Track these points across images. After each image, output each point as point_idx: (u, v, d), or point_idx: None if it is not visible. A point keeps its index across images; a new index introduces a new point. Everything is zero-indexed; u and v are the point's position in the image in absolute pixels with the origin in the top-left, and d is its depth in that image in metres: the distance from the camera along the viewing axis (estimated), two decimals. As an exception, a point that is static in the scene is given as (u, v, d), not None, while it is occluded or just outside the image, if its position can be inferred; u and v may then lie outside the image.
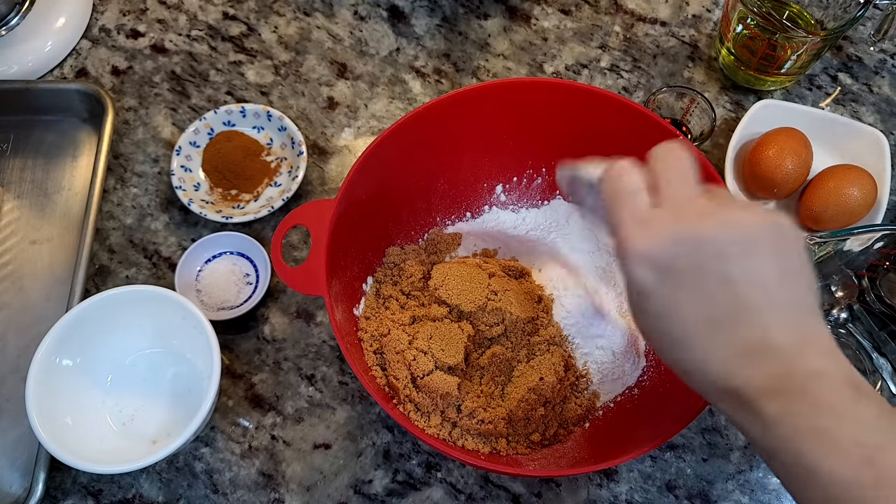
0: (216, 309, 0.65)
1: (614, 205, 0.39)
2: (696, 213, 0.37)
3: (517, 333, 0.60)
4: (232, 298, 0.66)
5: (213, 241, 0.66)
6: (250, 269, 0.67)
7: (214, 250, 0.67)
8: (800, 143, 0.67)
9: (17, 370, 0.64)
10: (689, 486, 0.61)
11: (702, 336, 0.36)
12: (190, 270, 0.66)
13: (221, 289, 0.66)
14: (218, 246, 0.67)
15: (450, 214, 0.68)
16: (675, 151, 0.39)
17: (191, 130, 0.70)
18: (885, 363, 0.60)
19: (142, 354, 0.62)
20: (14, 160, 0.73)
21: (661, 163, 0.39)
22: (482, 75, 0.77)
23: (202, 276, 0.66)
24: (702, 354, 0.36)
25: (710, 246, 0.35)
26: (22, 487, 0.60)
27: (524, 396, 0.56)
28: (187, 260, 0.66)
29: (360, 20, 0.79)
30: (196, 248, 0.66)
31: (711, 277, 0.35)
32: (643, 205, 0.38)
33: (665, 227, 0.36)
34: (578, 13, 0.80)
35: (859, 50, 0.78)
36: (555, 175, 0.66)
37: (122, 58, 0.77)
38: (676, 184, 0.38)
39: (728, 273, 0.35)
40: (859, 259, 0.57)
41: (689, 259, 0.36)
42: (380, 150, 0.57)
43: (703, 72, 0.77)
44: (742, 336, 0.35)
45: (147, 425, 0.60)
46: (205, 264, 0.67)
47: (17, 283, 0.68)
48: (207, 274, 0.67)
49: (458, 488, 0.61)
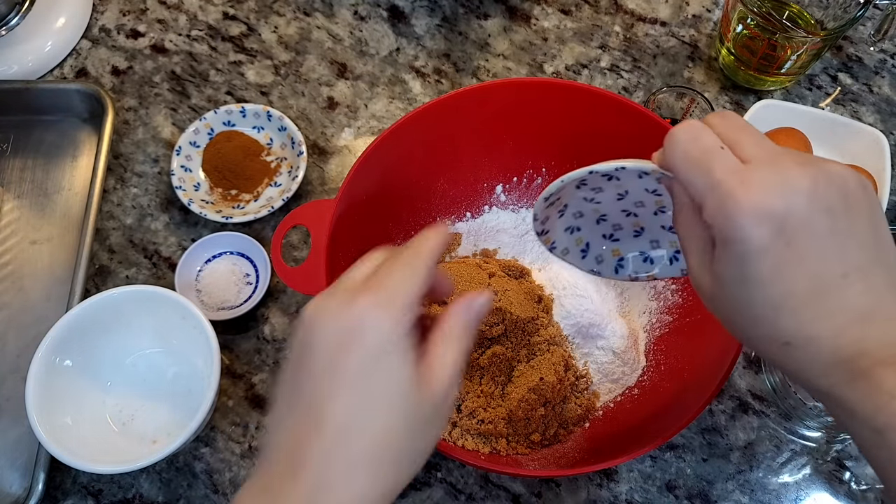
0: (216, 309, 0.65)
1: (700, 166, 0.35)
2: (794, 163, 0.33)
3: (517, 333, 0.60)
4: (232, 298, 0.66)
5: (212, 242, 0.66)
6: (250, 269, 0.67)
7: (214, 250, 0.67)
8: (800, 143, 0.67)
9: (17, 370, 0.64)
10: (689, 486, 0.61)
11: (812, 301, 0.33)
12: (190, 271, 0.66)
13: (221, 289, 0.66)
14: (218, 246, 0.67)
15: (450, 214, 0.68)
16: (731, 116, 0.37)
17: (191, 130, 0.70)
18: (886, 363, 0.59)
19: (142, 354, 0.62)
20: (14, 160, 0.73)
21: (723, 125, 0.36)
22: (482, 75, 0.77)
23: (202, 277, 0.66)
24: (810, 322, 0.33)
25: (819, 200, 0.32)
26: (22, 487, 0.60)
27: (524, 396, 0.56)
28: (187, 260, 0.66)
29: (360, 20, 0.79)
30: (196, 249, 0.66)
31: (822, 233, 0.33)
32: (734, 161, 0.34)
33: (771, 178, 0.33)
34: (578, 13, 0.80)
35: (859, 50, 0.78)
36: (555, 175, 0.67)
37: (122, 58, 0.77)
38: (753, 140, 0.35)
39: (836, 229, 0.33)
40: (859, 259, 0.57)
41: (801, 212, 0.32)
42: (380, 150, 0.57)
43: (703, 72, 0.77)
44: (854, 299, 0.33)
45: (147, 425, 0.60)
46: (205, 264, 0.67)
47: (17, 283, 0.68)
48: (207, 274, 0.67)
49: (458, 488, 0.61)
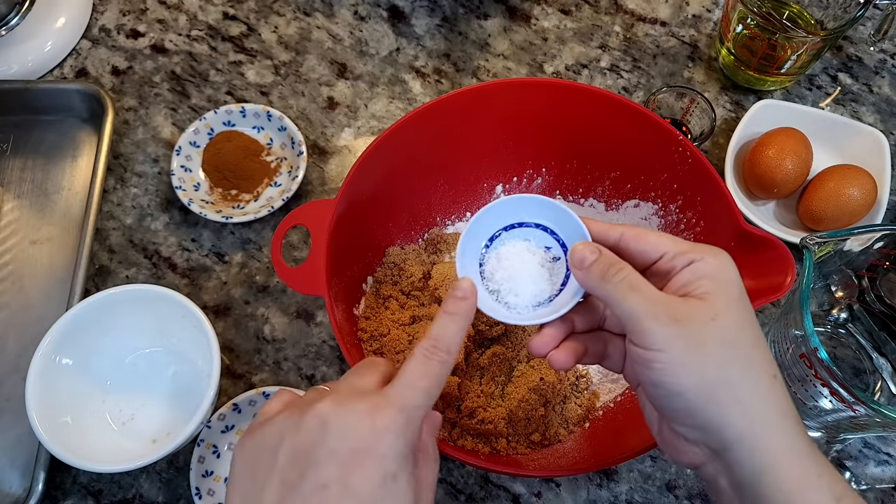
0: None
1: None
2: None
3: (517, 333, 0.60)
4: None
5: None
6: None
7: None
8: (800, 143, 0.67)
9: (16, 370, 0.64)
10: (689, 486, 0.61)
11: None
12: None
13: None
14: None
15: (450, 214, 0.68)
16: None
17: (191, 130, 0.70)
18: (885, 363, 0.60)
19: (141, 354, 0.62)
20: (14, 160, 0.73)
21: None
22: (482, 75, 0.77)
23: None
24: None
25: None
26: (22, 487, 0.60)
27: (524, 396, 0.56)
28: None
29: (360, 20, 0.79)
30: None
31: None
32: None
33: None
34: (578, 13, 0.80)
35: (859, 50, 0.78)
36: (554, 175, 0.67)
37: (122, 58, 0.77)
38: None
39: None
40: (859, 259, 0.57)
41: None
42: (380, 150, 0.57)
43: (703, 72, 0.77)
44: None
45: (147, 425, 0.60)
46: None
47: (17, 283, 0.68)
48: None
49: (458, 488, 0.61)
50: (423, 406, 0.34)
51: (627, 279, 0.36)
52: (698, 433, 0.36)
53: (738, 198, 0.69)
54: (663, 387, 0.35)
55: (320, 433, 0.32)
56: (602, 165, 0.64)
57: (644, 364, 0.36)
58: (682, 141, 0.57)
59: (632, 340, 0.36)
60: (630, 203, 0.65)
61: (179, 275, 0.68)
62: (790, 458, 0.35)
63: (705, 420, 0.35)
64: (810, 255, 0.50)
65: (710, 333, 0.35)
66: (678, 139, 0.57)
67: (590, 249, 0.38)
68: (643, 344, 0.35)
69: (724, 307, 0.36)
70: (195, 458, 0.59)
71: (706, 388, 0.35)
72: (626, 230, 0.39)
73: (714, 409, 0.35)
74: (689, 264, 0.37)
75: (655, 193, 0.62)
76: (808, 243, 0.51)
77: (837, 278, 0.60)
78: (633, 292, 0.36)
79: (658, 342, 0.35)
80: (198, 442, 0.59)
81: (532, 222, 0.43)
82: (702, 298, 0.36)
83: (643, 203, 0.64)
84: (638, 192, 0.64)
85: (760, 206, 0.71)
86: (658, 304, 0.36)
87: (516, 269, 0.42)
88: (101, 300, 0.58)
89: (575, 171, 0.66)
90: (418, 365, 0.35)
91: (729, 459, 0.36)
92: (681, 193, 0.60)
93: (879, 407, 0.46)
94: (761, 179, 0.67)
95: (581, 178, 0.66)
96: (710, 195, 0.57)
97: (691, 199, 0.59)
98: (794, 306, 0.50)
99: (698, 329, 0.35)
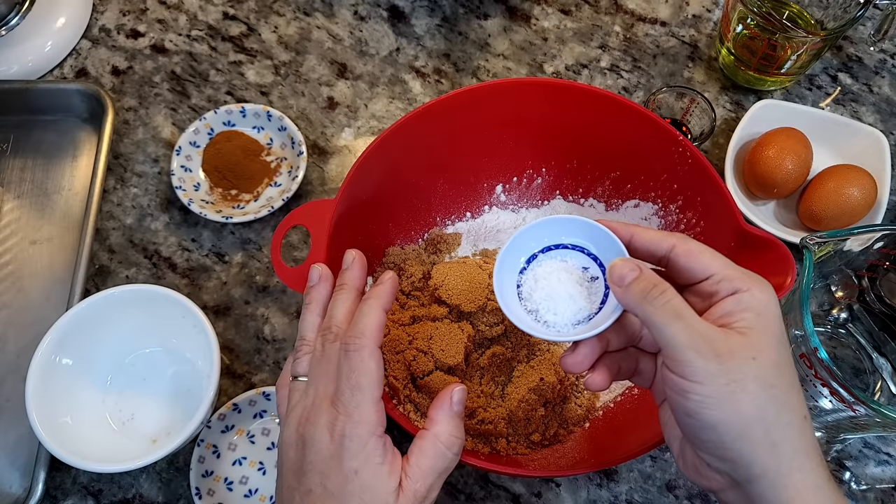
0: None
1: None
2: None
3: (517, 333, 0.60)
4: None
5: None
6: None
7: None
8: (800, 143, 0.67)
9: (16, 370, 0.64)
10: (689, 486, 0.61)
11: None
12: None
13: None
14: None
15: (450, 214, 0.68)
16: None
17: (191, 130, 0.70)
18: (885, 363, 0.60)
19: (141, 354, 0.62)
20: (14, 160, 0.73)
21: None
22: (482, 75, 0.77)
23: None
24: None
25: None
26: (22, 487, 0.60)
27: (524, 396, 0.56)
28: None
29: (360, 20, 0.79)
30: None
31: None
32: None
33: None
34: (578, 13, 0.80)
35: (859, 50, 0.78)
36: (554, 175, 0.67)
37: (122, 58, 0.77)
38: None
39: None
40: (859, 259, 0.57)
41: None
42: (379, 150, 0.57)
43: (703, 72, 0.77)
44: None
45: (147, 424, 0.60)
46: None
47: (17, 283, 0.68)
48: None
49: (458, 488, 0.61)
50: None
51: (670, 303, 0.36)
52: (725, 465, 0.36)
53: (738, 198, 0.69)
54: (697, 418, 0.35)
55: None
56: (602, 165, 0.64)
57: (680, 393, 0.36)
58: (682, 141, 0.57)
59: (669, 367, 0.36)
60: (630, 203, 0.65)
61: (179, 275, 0.68)
62: (813, 495, 0.35)
63: (735, 455, 0.35)
64: (810, 255, 0.50)
65: (751, 374, 0.35)
66: (678, 139, 0.57)
67: (629, 267, 0.38)
68: (682, 374, 0.35)
69: (766, 346, 0.36)
70: (195, 458, 0.59)
71: (740, 425, 0.35)
72: (679, 243, 0.39)
73: (745, 446, 0.35)
74: (734, 293, 0.37)
75: (655, 193, 0.62)
76: (808, 243, 0.51)
77: (837, 278, 0.60)
78: (677, 320, 0.36)
79: (697, 375, 0.35)
80: (198, 442, 0.59)
81: (568, 243, 0.44)
82: (743, 334, 0.36)
83: (643, 203, 0.64)
84: (638, 192, 0.64)
85: (760, 206, 0.71)
86: (700, 336, 0.35)
87: (553, 288, 0.43)
88: (101, 300, 0.58)
89: (575, 171, 0.66)
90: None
91: (751, 492, 0.36)
92: (681, 193, 0.60)
93: (879, 407, 0.46)
94: (761, 179, 0.67)
95: (581, 178, 0.66)
96: (710, 195, 0.57)
97: (691, 199, 0.59)
98: (794, 306, 0.50)
99: (738, 367, 0.35)
